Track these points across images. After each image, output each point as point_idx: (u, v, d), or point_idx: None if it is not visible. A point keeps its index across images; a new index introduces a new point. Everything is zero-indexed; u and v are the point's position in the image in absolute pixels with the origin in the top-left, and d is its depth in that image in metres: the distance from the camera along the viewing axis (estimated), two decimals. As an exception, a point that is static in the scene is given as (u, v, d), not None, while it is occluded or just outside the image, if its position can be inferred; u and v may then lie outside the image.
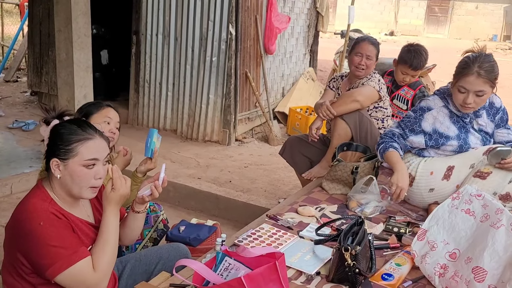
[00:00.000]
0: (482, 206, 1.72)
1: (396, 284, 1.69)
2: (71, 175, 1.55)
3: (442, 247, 1.72)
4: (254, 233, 2.04)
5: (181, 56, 5.33)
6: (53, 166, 1.55)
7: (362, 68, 3.09)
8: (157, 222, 2.49)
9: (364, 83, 3.08)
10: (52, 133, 1.61)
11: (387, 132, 2.51)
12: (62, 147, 1.55)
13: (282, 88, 6.67)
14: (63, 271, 1.47)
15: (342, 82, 3.31)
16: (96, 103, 2.32)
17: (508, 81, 10.70)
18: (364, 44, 3.11)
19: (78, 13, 3.76)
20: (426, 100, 2.47)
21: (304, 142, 3.29)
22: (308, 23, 7.18)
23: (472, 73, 2.19)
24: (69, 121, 1.68)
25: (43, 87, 6.51)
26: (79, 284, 1.51)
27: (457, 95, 2.27)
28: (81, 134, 1.57)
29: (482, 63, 2.19)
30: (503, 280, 1.50)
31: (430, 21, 24.89)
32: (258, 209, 3.41)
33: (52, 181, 1.59)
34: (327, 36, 14.95)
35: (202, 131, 5.34)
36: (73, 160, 1.55)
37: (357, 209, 2.36)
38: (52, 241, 1.47)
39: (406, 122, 2.47)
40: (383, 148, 2.43)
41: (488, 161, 2.23)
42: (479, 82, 2.19)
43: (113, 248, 1.60)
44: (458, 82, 2.25)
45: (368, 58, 3.07)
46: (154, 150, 2.23)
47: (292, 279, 1.70)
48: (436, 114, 2.39)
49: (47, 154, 1.60)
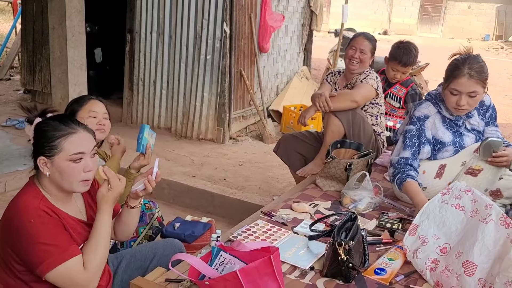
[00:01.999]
0: (471, 201, 1.75)
1: (388, 279, 1.71)
2: (59, 172, 1.55)
3: (433, 242, 1.75)
4: (248, 229, 2.06)
5: (175, 54, 5.34)
6: (41, 164, 1.55)
7: (356, 61, 3.10)
8: (152, 220, 2.50)
9: (362, 80, 3.07)
10: (35, 131, 1.60)
11: (399, 160, 2.36)
12: (46, 144, 1.55)
13: (276, 86, 6.69)
14: (53, 268, 1.46)
15: (340, 78, 3.32)
16: (79, 98, 2.28)
17: (500, 80, 10.81)
18: (359, 38, 3.14)
19: (72, 10, 3.76)
20: (419, 108, 2.40)
21: (298, 139, 3.31)
22: (302, 21, 7.21)
23: (463, 74, 2.19)
24: (51, 118, 1.67)
25: (36, 85, 6.48)
26: (69, 282, 1.50)
27: (450, 97, 2.26)
28: (63, 130, 1.56)
29: (472, 64, 2.19)
30: (493, 273, 1.53)
31: (424, 20, 25.00)
32: (253, 206, 3.43)
33: (42, 179, 1.59)
34: (321, 35, 14.97)
35: (197, 129, 5.35)
36: (58, 156, 1.54)
37: (351, 205, 2.39)
38: (42, 238, 1.47)
39: (410, 138, 2.36)
40: (400, 179, 2.29)
41: (480, 155, 2.25)
42: (471, 83, 2.19)
43: (105, 248, 1.60)
44: (450, 85, 2.24)
45: (362, 52, 3.08)
46: (146, 146, 2.22)
47: (287, 273, 1.72)
48: (433, 121, 2.37)
49: (34, 152, 1.59)
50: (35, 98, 6.62)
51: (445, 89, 2.30)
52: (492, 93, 2.67)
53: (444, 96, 2.32)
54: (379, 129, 3.16)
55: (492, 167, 2.24)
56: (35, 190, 1.57)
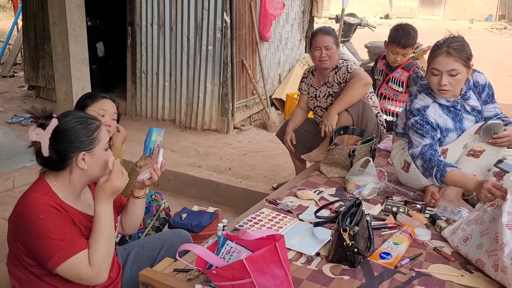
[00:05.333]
0: None
1: (394, 262, 1.73)
2: (97, 162, 1.62)
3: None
4: (254, 218, 2.08)
5: (176, 46, 5.34)
6: (79, 160, 1.59)
7: (325, 60, 3.09)
8: (159, 211, 2.53)
9: (349, 71, 3.05)
10: (61, 132, 1.58)
11: (422, 149, 2.24)
12: (87, 138, 1.59)
13: (279, 74, 6.68)
14: (62, 262, 1.49)
15: (314, 78, 3.31)
16: (92, 95, 2.30)
17: (504, 60, 10.70)
18: (319, 36, 3.11)
19: (73, 5, 3.75)
20: (415, 102, 2.36)
21: (301, 125, 3.35)
22: (303, 8, 7.16)
23: (441, 52, 2.20)
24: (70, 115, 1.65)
25: (40, 81, 6.51)
26: (76, 276, 1.52)
27: (432, 79, 2.26)
28: (94, 123, 1.63)
29: (451, 43, 2.21)
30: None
31: (425, 2, 24.75)
32: (258, 194, 3.45)
33: (55, 176, 1.60)
34: (322, 21, 14.84)
35: (201, 120, 5.36)
36: (98, 147, 1.62)
37: (355, 191, 2.40)
38: (51, 233, 1.49)
39: (420, 128, 2.28)
40: (439, 172, 2.14)
41: (481, 138, 2.25)
42: (449, 60, 2.19)
43: (108, 240, 1.59)
44: (431, 65, 2.25)
45: (327, 48, 3.07)
46: (153, 148, 2.25)
47: (293, 260, 1.74)
48: (433, 109, 2.34)
49: (63, 152, 1.58)
50: (40, 94, 6.66)
51: (427, 72, 2.30)
52: (496, 74, 2.67)
53: (429, 81, 2.31)
54: (375, 111, 3.15)
55: (493, 147, 2.24)
56: (45, 186, 1.59)
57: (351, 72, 3.04)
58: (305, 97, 3.38)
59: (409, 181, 2.49)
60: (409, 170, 2.45)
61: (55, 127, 1.57)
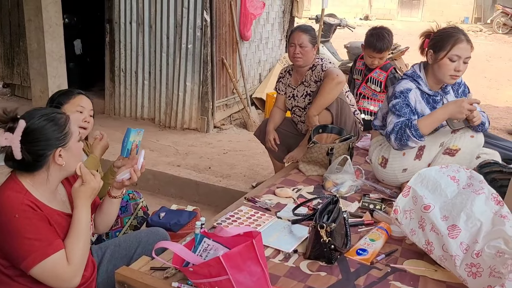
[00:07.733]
0: (468, 177, 1.78)
1: (370, 258, 1.75)
2: (72, 155, 1.61)
3: (421, 201, 1.74)
4: (232, 216, 2.08)
5: (156, 44, 5.29)
6: (56, 157, 1.56)
7: (299, 57, 3.10)
8: (137, 210, 2.50)
9: (323, 69, 3.05)
10: (31, 132, 1.53)
11: (395, 125, 2.30)
12: (60, 134, 1.57)
13: (259, 74, 6.68)
14: (37, 263, 1.46)
15: (291, 77, 3.31)
16: (67, 91, 2.26)
17: (479, 62, 10.92)
18: (296, 33, 3.12)
19: (49, 1, 3.69)
20: (400, 84, 2.41)
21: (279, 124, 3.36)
22: (283, 8, 7.19)
23: (462, 40, 2.27)
24: (36, 114, 1.59)
25: (15, 79, 6.39)
26: (54, 276, 1.50)
27: (449, 65, 2.27)
28: (62, 117, 1.60)
29: (462, 31, 2.29)
30: (478, 240, 1.55)
31: (404, 4, 25.05)
32: (238, 193, 3.45)
33: (48, 172, 1.57)
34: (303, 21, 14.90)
35: (180, 119, 5.33)
36: (72, 141, 1.61)
37: (333, 188, 2.42)
38: (27, 233, 1.46)
39: (399, 109, 2.33)
40: (412, 128, 2.23)
41: (452, 127, 2.27)
42: (469, 48, 2.28)
43: (85, 241, 1.59)
44: (451, 51, 2.26)
45: (301, 46, 3.07)
46: (131, 149, 2.23)
47: (271, 257, 1.74)
48: (415, 93, 2.39)
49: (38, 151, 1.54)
50: (15, 92, 6.53)
51: (442, 58, 2.29)
52: (472, 75, 2.73)
53: (439, 67, 2.31)
54: (352, 109, 3.18)
55: (469, 146, 2.28)
56: (18, 185, 1.55)
57: (325, 71, 3.05)
58: (282, 97, 3.38)
59: (386, 177, 2.52)
60: (386, 166, 2.48)
61: (24, 128, 1.51)
